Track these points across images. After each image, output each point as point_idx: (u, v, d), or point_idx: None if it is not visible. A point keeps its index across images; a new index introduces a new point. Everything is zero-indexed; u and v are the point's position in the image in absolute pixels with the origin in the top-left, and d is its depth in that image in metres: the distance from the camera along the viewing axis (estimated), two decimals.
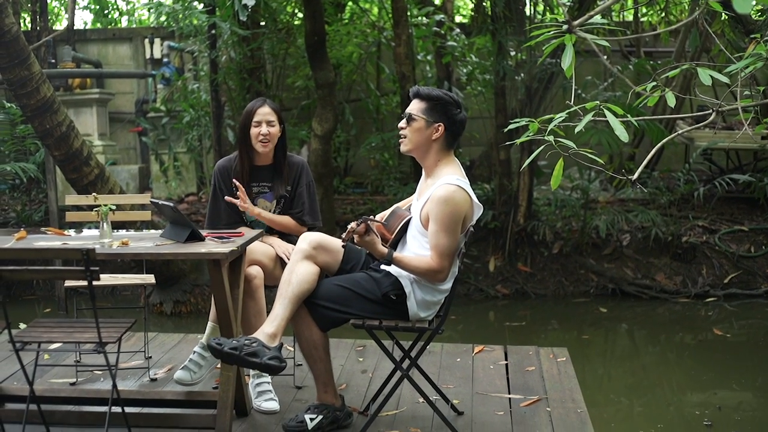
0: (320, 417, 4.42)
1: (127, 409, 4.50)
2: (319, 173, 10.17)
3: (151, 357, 5.82)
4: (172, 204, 4.48)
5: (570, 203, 10.84)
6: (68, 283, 5.31)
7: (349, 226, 4.25)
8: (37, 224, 11.03)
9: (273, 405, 4.83)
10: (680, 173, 11.25)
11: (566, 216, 10.97)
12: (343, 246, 4.35)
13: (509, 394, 5.12)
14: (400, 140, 4.43)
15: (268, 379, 4.95)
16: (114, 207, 4.57)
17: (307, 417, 4.42)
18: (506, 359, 5.84)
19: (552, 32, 3.60)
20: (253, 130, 5.05)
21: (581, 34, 3.48)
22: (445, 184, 4.22)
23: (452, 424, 4.46)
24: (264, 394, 4.88)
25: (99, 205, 4.53)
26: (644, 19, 13.76)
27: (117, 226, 7.31)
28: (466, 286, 10.61)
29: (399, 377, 4.45)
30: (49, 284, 10.55)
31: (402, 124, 4.38)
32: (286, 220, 5.15)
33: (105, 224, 4.45)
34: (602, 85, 11.00)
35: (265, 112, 5.07)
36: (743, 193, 11.62)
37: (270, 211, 5.16)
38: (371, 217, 4.35)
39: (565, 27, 3.53)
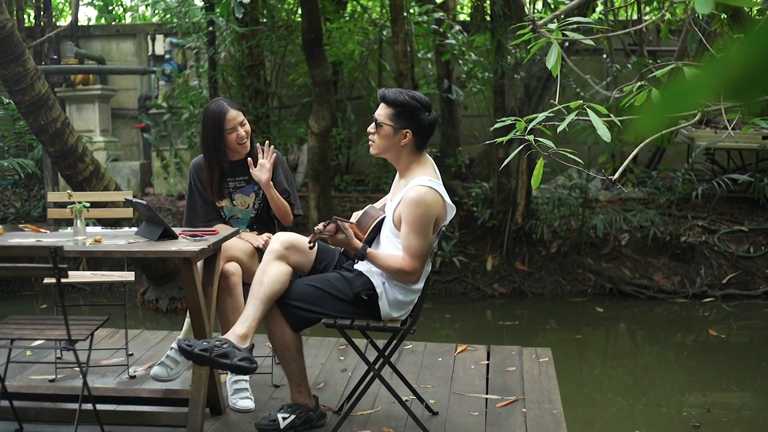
0: (293, 417, 4.42)
1: (102, 407, 4.52)
2: (316, 171, 10.18)
3: (132, 354, 5.82)
4: (145, 202, 4.49)
5: (568, 202, 10.79)
6: (46, 280, 5.32)
7: (315, 228, 4.25)
8: (36, 220, 11.06)
9: (248, 403, 4.83)
10: (679, 173, 11.20)
11: (565, 215, 10.93)
12: (310, 247, 4.33)
13: (487, 394, 5.11)
14: (369, 143, 4.42)
15: (245, 377, 4.95)
16: (88, 204, 4.58)
17: (279, 416, 4.41)
18: (488, 359, 5.82)
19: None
20: (231, 137, 4.98)
21: (545, 33, 3.47)
22: (417, 185, 4.21)
23: (426, 424, 4.45)
24: (240, 392, 4.88)
25: (74, 203, 4.54)
26: (647, 17, 13.69)
27: (111, 223, 7.39)
28: (463, 285, 10.60)
29: (371, 376, 4.45)
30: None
31: (371, 128, 4.37)
32: (284, 202, 5.13)
33: (78, 221, 4.46)
34: (600, 84, 10.93)
35: (233, 116, 5.01)
36: (744, 193, 11.55)
37: (248, 206, 5.16)
38: (340, 217, 4.34)
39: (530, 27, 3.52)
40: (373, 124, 4.35)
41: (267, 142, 5.04)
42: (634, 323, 9.72)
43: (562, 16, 3.71)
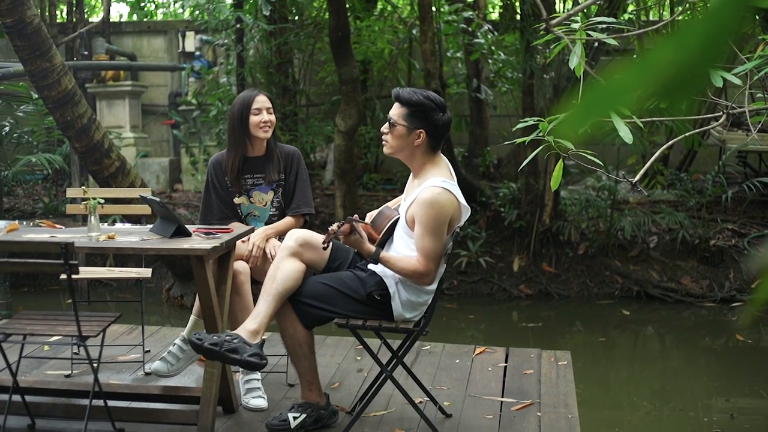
0: (303, 416, 4.39)
1: (114, 403, 4.51)
2: (342, 169, 10.16)
3: (149, 351, 5.81)
4: (158, 199, 4.48)
5: (597, 204, 10.70)
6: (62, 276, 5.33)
7: (329, 229, 4.21)
8: (63, 215, 11.10)
9: (261, 402, 4.80)
10: (710, 175, 11.08)
11: (593, 217, 10.83)
12: (324, 248, 4.30)
13: (502, 397, 5.05)
14: (383, 143, 4.39)
15: (258, 375, 4.92)
16: (102, 201, 4.57)
17: (290, 415, 4.39)
18: (506, 361, 5.76)
19: (563, 30, 3.54)
20: (254, 119, 4.97)
21: (558, 32, 3.41)
22: (431, 186, 4.17)
23: (438, 426, 4.42)
24: (253, 391, 4.86)
25: (88, 198, 4.54)
26: (680, 17, 13.56)
27: (135, 220, 7.40)
28: (489, 285, 10.54)
29: (383, 377, 4.41)
30: None
31: (384, 128, 4.33)
32: (288, 222, 5.09)
33: (93, 218, 4.45)
34: None
35: (263, 100, 5.02)
36: None
37: (266, 204, 5.12)
38: (355, 217, 4.30)
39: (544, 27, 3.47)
40: (387, 123, 4.32)
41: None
42: (661, 327, 9.63)
43: (581, 16, 3.66)
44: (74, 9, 14.11)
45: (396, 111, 4.31)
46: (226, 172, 5.08)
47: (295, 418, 4.37)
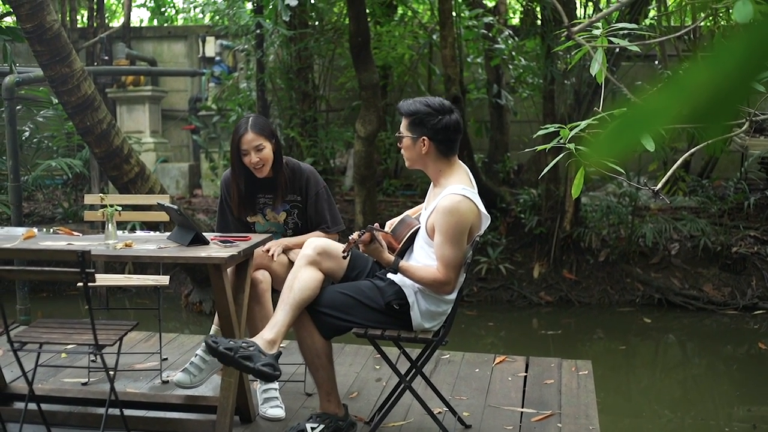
0: (322, 426, 4.34)
1: (130, 412, 4.49)
2: (362, 175, 10.12)
3: (166, 358, 5.79)
4: (176, 207, 4.45)
5: (618, 210, 10.61)
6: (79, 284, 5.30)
7: (350, 238, 4.17)
8: (82, 221, 11.11)
9: (278, 412, 4.76)
10: (732, 182, 10.98)
11: (614, 223, 10.74)
12: (344, 257, 4.26)
13: (522, 407, 5.00)
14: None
15: (276, 385, 4.88)
16: (119, 208, 4.54)
17: (308, 426, 4.34)
18: (526, 371, 5.69)
19: (584, 36, 3.49)
20: (244, 159, 4.86)
21: (579, 39, 3.36)
22: (451, 194, 4.13)
23: None
24: (270, 401, 4.82)
25: (106, 206, 4.52)
26: (703, 23, 13.45)
27: (154, 227, 7.37)
28: (509, 293, 10.47)
29: (402, 388, 4.37)
30: None
31: (399, 143, 4.34)
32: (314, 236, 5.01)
33: (110, 225, 4.42)
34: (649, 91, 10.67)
35: (249, 140, 4.82)
36: None
37: (280, 222, 5.07)
38: (376, 226, 4.26)
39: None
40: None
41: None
42: (682, 335, 9.53)
43: (602, 22, 3.61)
44: (95, 14, 14.17)
45: (402, 123, 4.34)
46: (231, 199, 5.02)
47: (313, 428, 4.32)
